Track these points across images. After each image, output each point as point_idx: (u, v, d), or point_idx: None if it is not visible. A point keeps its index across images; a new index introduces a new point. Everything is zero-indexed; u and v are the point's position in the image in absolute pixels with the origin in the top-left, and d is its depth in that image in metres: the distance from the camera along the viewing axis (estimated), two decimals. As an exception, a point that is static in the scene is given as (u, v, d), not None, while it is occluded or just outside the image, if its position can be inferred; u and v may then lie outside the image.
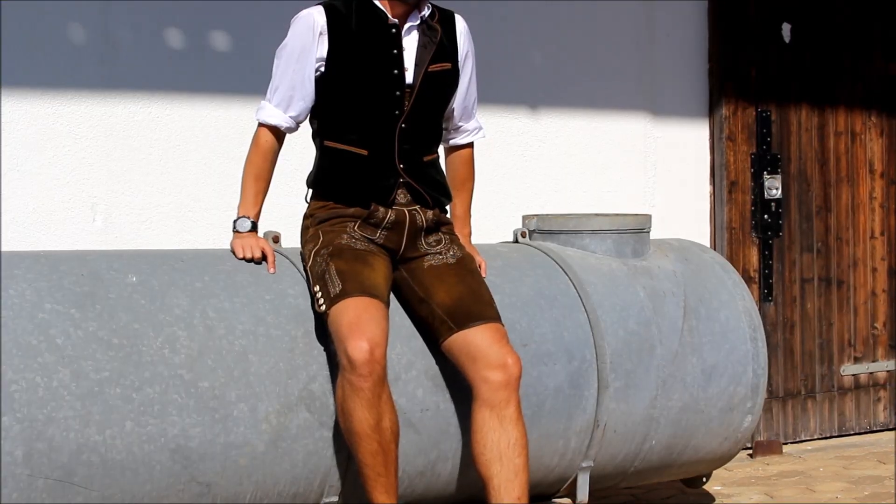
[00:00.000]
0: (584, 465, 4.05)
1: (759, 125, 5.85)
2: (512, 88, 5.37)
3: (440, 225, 3.78)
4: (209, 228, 4.70)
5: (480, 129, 3.98)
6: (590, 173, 5.57)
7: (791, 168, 5.94)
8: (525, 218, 4.43)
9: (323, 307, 3.53)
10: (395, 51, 3.67)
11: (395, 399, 3.58)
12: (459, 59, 3.80)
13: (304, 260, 3.71)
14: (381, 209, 3.67)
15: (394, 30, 3.66)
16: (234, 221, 3.74)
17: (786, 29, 5.92)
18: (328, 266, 3.58)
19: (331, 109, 3.71)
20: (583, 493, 4.07)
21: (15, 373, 3.17)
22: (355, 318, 3.44)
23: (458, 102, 3.86)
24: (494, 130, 5.30)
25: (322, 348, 3.57)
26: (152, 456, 3.28)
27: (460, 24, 3.81)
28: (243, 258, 3.67)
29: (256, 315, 3.54)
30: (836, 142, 6.07)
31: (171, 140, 4.67)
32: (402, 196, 3.71)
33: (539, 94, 5.44)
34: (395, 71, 3.66)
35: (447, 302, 3.65)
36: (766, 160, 5.86)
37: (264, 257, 3.69)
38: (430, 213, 3.74)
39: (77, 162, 4.52)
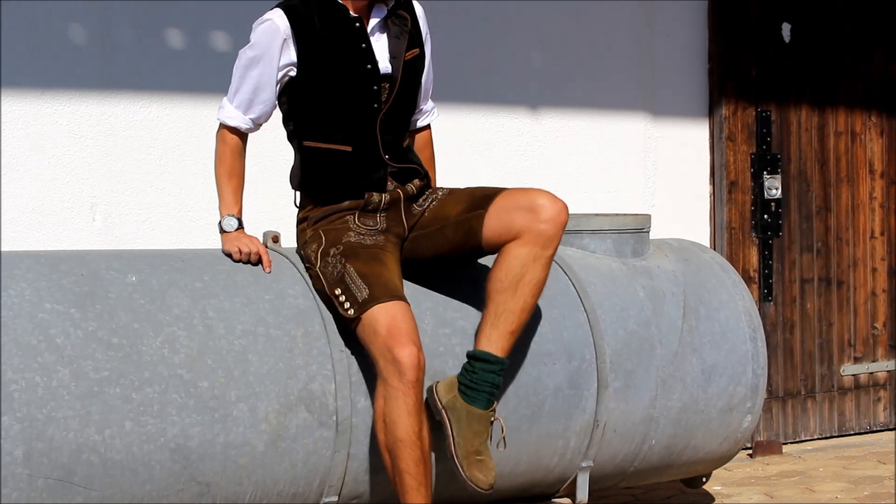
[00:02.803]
0: (583, 464, 4.05)
1: (759, 125, 5.85)
2: (512, 88, 5.37)
3: (424, 189, 3.81)
4: (209, 228, 4.69)
5: (434, 108, 4.03)
6: (590, 173, 5.57)
7: (791, 168, 5.94)
8: (525, 218, 4.42)
9: (351, 312, 3.51)
10: (364, 45, 3.68)
11: (395, 399, 3.58)
12: (424, 42, 3.83)
13: (305, 261, 3.70)
14: (376, 195, 3.70)
15: (357, 24, 3.67)
16: (220, 222, 3.73)
17: (786, 29, 5.92)
18: (345, 268, 3.57)
19: (308, 110, 3.72)
20: (582, 493, 4.07)
21: (15, 373, 3.17)
22: (394, 324, 3.44)
23: (422, 86, 3.90)
24: (494, 130, 5.30)
25: (322, 348, 3.57)
26: (152, 456, 3.28)
27: (419, 9, 3.84)
28: (240, 260, 3.67)
29: (256, 315, 3.54)
30: (836, 142, 6.07)
31: (171, 140, 4.68)
32: (391, 183, 3.74)
33: (539, 94, 5.45)
34: (369, 65, 3.68)
35: (462, 206, 3.69)
36: (765, 160, 5.86)
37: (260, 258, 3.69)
38: (416, 181, 3.77)
39: (77, 162, 4.52)
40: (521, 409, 3.84)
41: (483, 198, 3.67)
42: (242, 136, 3.76)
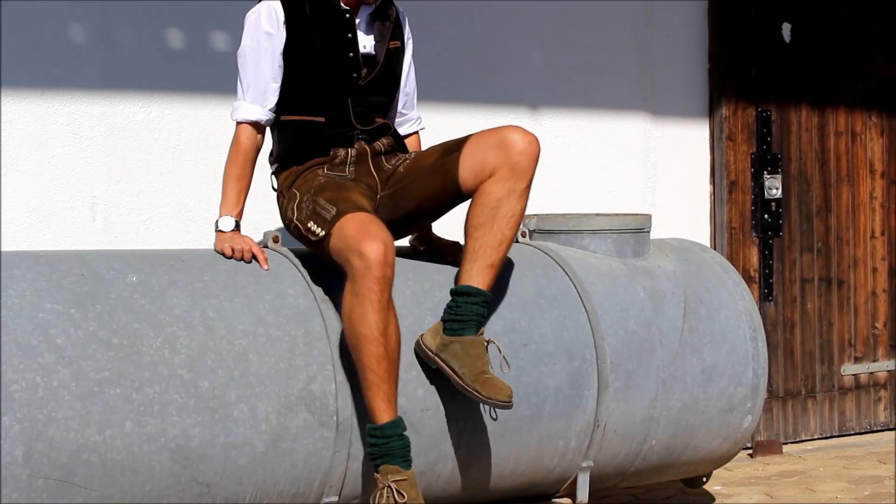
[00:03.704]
0: (584, 465, 4.05)
1: (759, 125, 5.85)
2: (512, 88, 5.37)
3: (394, 148, 3.91)
4: (209, 228, 4.68)
5: (420, 118, 4.14)
6: (590, 173, 5.57)
7: (791, 168, 5.93)
8: (525, 218, 4.43)
9: (321, 232, 3.59)
10: (350, 34, 3.82)
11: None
12: (405, 41, 3.99)
13: (288, 224, 3.77)
14: (342, 150, 3.80)
15: (347, 15, 3.82)
16: (217, 221, 3.78)
17: (786, 29, 5.92)
18: (315, 201, 3.66)
19: (288, 90, 3.83)
20: (583, 493, 4.07)
21: (15, 373, 3.17)
22: (362, 227, 3.51)
23: (401, 89, 4.01)
24: (494, 130, 5.29)
25: (322, 348, 3.57)
26: (152, 456, 3.28)
27: (401, 11, 4.00)
28: (231, 257, 3.69)
29: (256, 315, 3.54)
30: (836, 142, 6.07)
31: (171, 140, 4.67)
32: (359, 143, 3.84)
33: (539, 94, 5.44)
34: (351, 53, 3.82)
35: (436, 155, 3.79)
36: (766, 160, 5.85)
37: (254, 257, 3.70)
38: (385, 140, 3.87)
39: (77, 162, 4.52)
40: (522, 409, 3.84)
41: (455, 144, 3.78)
42: (261, 130, 3.85)
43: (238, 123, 3.83)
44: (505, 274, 4.00)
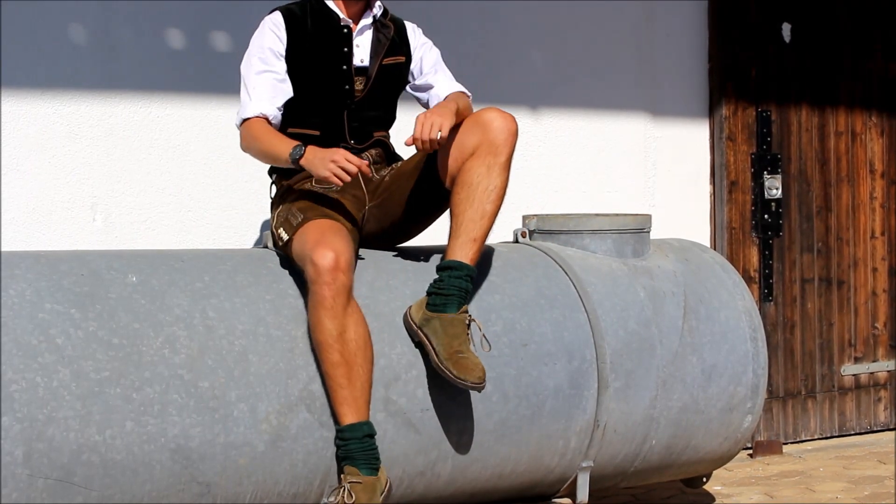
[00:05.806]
0: (584, 465, 4.05)
1: (760, 125, 5.85)
2: (512, 88, 5.37)
3: (384, 159, 3.96)
4: (209, 228, 4.70)
5: (460, 89, 4.10)
6: (590, 173, 5.57)
7: (791, 168, 5.93)
8: (525, 218, 4.44)
9: (285, 236, 3.66)
10: (346, 48, 3.91)
11: (395, 399, 3.58)
12: (412, 50, 4.06)
13: (277, 241, 3.78)
14: None
15: (345, 29, 3.91)
16: (290, 153, 3.70)
17: (786, 29, 5.92)
18: (290, 209, 3.73)
19: (287, 102, 3.90)
20: (583, 493, 4.07)
21: (15, 373, 3.17)
22: (320, 235, 3.54)
23: (427, 67, 4.06)
24: (494, 130, 5.29)
25: (322, 348, 3.57)
26: (152, 456, 3.28)
27: (409, 26, 4.09)
28: (345, 170, 3.61)
29: (256, 315, 3.54)
30: (836, 142, 6.07)
31: (171, 140, 4.67)
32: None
33: (539, 94, 5.44)
34: (344, 66, 3.90)
35: (418, 156, 3.82)
36: (766, 160, 5.85)
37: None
38: (374, 151, 3.93)
39: (77, 162, 4.52)
40: (522, 409, 3.84)
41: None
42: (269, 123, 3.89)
43: (245, 121, 3.85)
44: (505, 274, 4.00)
